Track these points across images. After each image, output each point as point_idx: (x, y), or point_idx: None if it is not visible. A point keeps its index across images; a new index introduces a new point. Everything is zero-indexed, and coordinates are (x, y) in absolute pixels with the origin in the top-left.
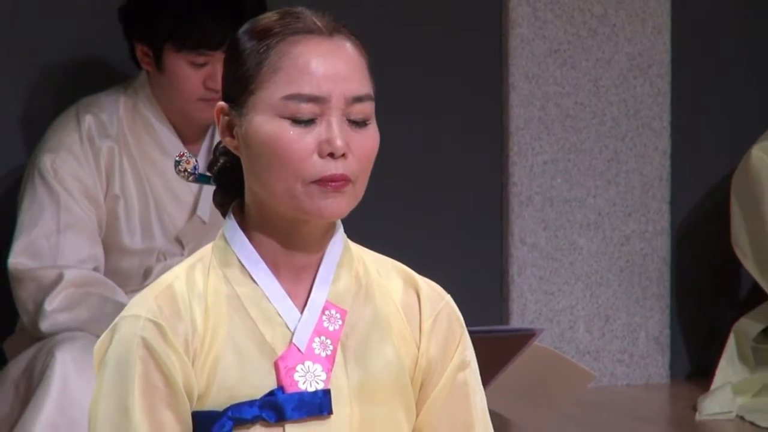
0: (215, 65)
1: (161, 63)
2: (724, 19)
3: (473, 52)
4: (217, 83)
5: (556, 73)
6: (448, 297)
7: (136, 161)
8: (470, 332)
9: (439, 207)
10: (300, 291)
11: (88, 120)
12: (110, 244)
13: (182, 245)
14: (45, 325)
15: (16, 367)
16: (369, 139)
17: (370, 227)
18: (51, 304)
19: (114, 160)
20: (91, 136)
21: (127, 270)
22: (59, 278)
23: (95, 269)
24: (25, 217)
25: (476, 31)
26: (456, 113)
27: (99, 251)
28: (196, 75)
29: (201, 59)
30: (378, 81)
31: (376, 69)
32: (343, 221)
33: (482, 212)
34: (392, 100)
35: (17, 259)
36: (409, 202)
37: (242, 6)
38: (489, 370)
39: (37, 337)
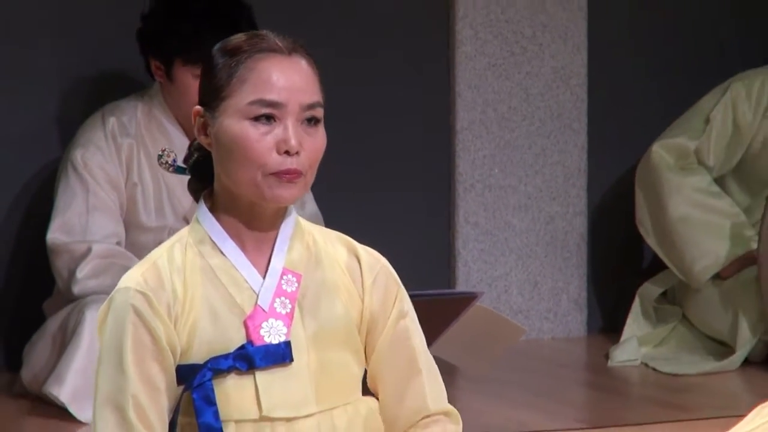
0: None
1: (171, 75)
2: (631, 38)
3: (427, 66)
4: None
5: (493, 83)
6: (384, 260)
7: (151, 155)
8: (424, 295)
9: (398, 193)
10: (261, 261)
11: (112, 121)
12: (130, 223)
13: (188, 223)
14: (76, 290)
15: (53, 323)
16: (318, 140)
17: (339, 210)
18: (81, 272)
19: (133, 155)
20: (114, 135)
21: (143, 243)
22: (88, 251)
23: (118, 243)
24: (60, 200)
25: (429, 50)
26: (413, 115)
27: (121, 229)
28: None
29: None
30: (350, 88)
31: (347, 78)
32: (321, 207)
33: (433, 197)
34: (363, 104)
35: (54, 235)
36: (374, 190)
37: (238, 27)
38: (439, 326)
39: (70, 299)
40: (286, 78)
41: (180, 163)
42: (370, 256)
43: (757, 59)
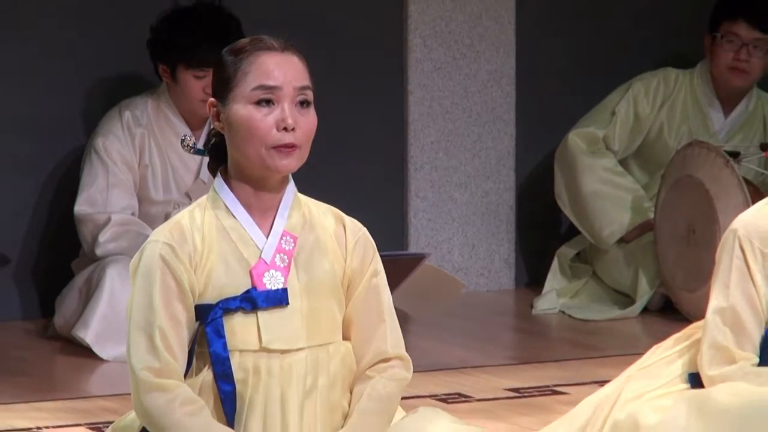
0: (210, 78)
1: (176, 77)
2: (552, 46)
3: (384, 69)
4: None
5: (438, 83)
6: (364, 229)
7: (159, 142)
8: (384, 255)
9: (361, 173)
10: (266, 223)
11: (127, 114)
12: (142, 197)
13: (190, 198)
14: (99, 252)
15: (80, 279)
16: (310, 118)
17: (316, 188)
18: (103, 237)
19: (144, 142)
20: (129, 125)
21: (153, 214)
22: (108, 220)
23: (132, 214)
24: (85, 179)
25: (385, 56)
26: (373, 109)
27: (135, 202)
28: (198, 84)
29: (201, 74)
30: (321, 88)
31: (317, 79)
32: (296, 178)
33: (390, 175)
34: (331, 101)
35: (80, 207)
36: (342, 170)
37: (228, 38)
38: (395, 280)
39: (93, 259)
40: (281, 68)
41: (200, 146)
42: (354, 224)
43: (657, 61)
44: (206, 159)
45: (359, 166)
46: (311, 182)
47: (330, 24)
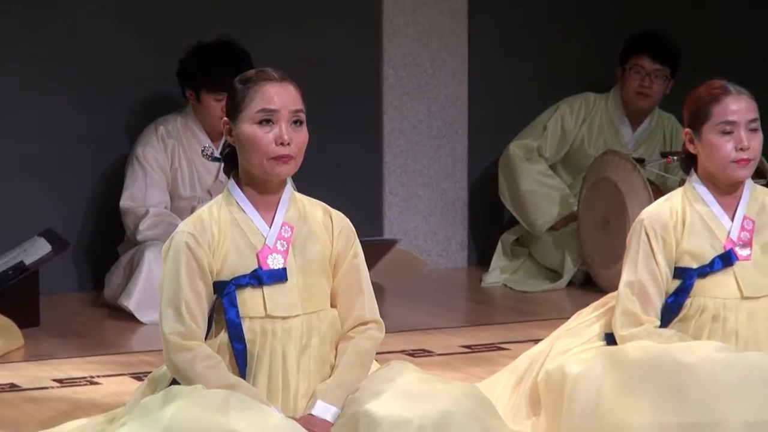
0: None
1: (199, 99)
2: (498, 74)
3: (362, 93)
4: None
5: (407, 104)
6: (347, 220)
7: (187, 151)
8: (363, 240)
9: (345, 178)
10: (269, 216)
11: (161, 129)
12: (173, 194)
13: (211, 194)
14: (139, 238)
15: (124, 259)
16: (302, 135)
17: (311, 185)
18: (142, 226)
19: (175, 150)
20: (163, 138)
21: (182, 207)
22: (146, 212)
23: (165, 208)
24: (128, 180)
25: (364, 83)
26: (354, 127)
27: (167, 198)
28: (218, 105)
29: (220, 97)
30: (311, 107)
31: (309, 100)
32: (296, 179)
33: (369, 177)
34: (319, 120)
35: (124, 202)
36: (329, 177)
37: (241, 68)
38: (372, 260)
39: (135, 243)
40: (279, 95)
41: (216, 154)
42: (339, 216)
43: (580, 87)
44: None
45: (344, 169)
46: (307, 183)
47: (320, 58)
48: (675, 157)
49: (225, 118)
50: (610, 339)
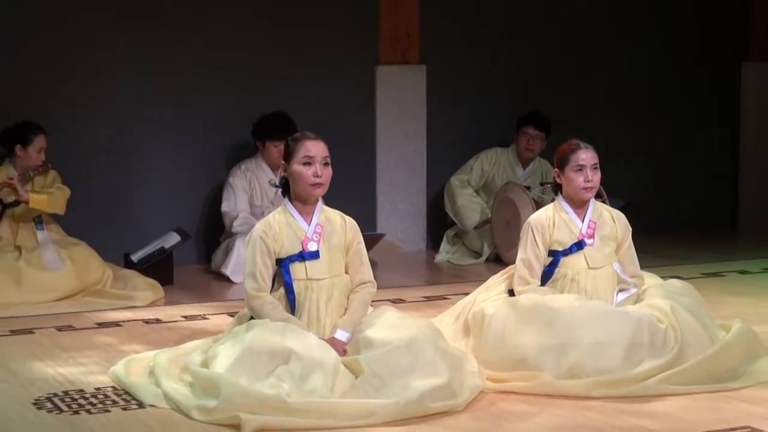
0: (282, 147)
1: (264, 147)
2: (453, 104)
3: (360, 116)
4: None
5: (398, 126)
6: (354, 222)
7: (258, 179)
8: (364, 234)
9: (348, 188)
10: (308, 219)
11: (243, 166)
12: (251, 204)
13: (273, 205)
14: (233, 231)
15: (224, 244)
16: (329, 171)
17: (332, 198)
18: (236, 223)
19: (252, 179)
20: (244, 172)
21: (256, 213)
22: (237, 215)
23: (248, 213)
24: (225, 195)
25: (361, 109)
26: (355, 148)
27: (248, 206)
28: (276, 150)
29: (279, 144)
30: (329, 139)
31: (330, 136)
32: (325, 196)
33: (364, 187)
34: (327, 138)
35: (224, 208)
36: (338, 185)
37: (290, 130)
38: (370, 245)
39: (230, 235)
40: (315, 147)
41: (277, 182)
42: (349, 220)
43: (494, 142)
44: (280, 189)
45: (349, 184)
46: (331, 197)
47: (331, 100)
48: (549, 185)
49: (282, 162)
50: (511, 293)
